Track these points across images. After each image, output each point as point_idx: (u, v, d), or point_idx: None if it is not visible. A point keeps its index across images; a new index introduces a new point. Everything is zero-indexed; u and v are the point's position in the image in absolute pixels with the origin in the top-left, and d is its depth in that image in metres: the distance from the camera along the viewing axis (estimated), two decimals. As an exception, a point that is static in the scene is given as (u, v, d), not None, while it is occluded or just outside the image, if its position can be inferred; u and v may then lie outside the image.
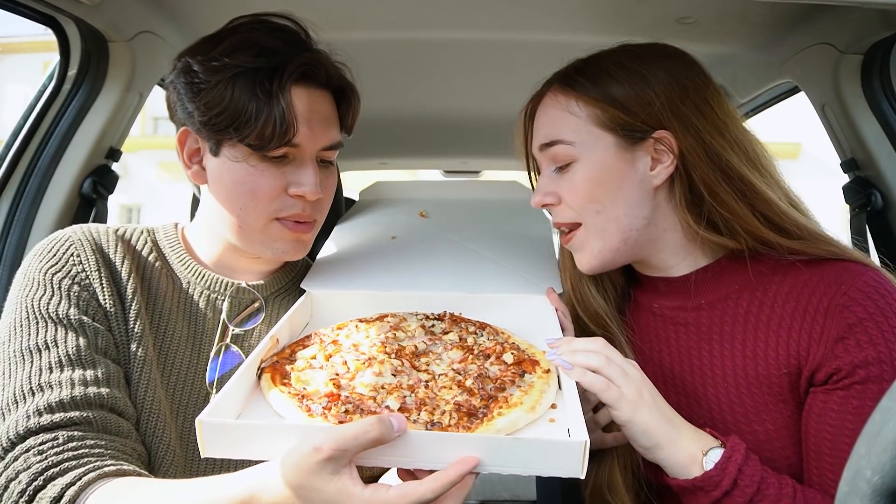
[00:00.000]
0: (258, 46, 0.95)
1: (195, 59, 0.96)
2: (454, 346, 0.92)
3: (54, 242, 0.97)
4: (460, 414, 0.75)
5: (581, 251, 1.02)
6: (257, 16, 1.01)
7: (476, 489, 2.86)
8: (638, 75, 0.95)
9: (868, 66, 1.35)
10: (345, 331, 0.96)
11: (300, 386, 0.81)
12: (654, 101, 0.94)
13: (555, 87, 1.02)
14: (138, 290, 0.98)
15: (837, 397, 0.86)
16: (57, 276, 0.93)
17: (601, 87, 0.96)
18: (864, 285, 0.87)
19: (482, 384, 0.82)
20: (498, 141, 2.45)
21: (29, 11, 1.24)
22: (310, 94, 0.98)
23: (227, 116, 0.93)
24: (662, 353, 1.04)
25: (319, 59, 0.99)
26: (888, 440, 0.35)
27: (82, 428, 0.82)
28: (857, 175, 1.46)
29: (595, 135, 0.96)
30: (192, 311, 1.03)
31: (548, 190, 1.01)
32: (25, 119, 1.40)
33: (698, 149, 0.93)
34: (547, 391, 0.82)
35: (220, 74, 0.93)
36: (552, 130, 0.99)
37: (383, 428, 0.67)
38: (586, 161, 0.97)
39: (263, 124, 0.92)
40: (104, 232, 1.01)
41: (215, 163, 0.99)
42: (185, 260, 1.05)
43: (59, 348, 0.87)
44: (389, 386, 0.81)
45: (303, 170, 0.99)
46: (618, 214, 0.97)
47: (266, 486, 0.68)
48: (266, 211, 0.99)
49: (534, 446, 0.69)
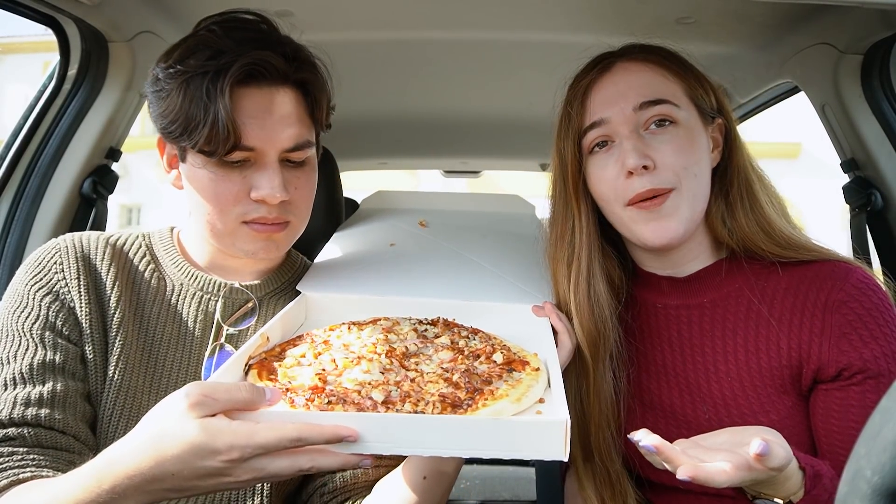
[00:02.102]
0: (210, 49, 0.92)
1: (160, 67, 0.95)
2: (445, 348, 0.92)
3: (44, 252, 1.00)
4: (444, 405, 0.75)
5: (671, 217, 0.97)
6: (224, 14, 0.99)
7: (476, 489, 2.86)
8: (698, 66, 1.03)
9: (868, 66, 1.36)
10: (336, 332, 0.95)
11: (286, 380, 0.81)
12: (713, 89, 1.02)
13: (636, 57, 1.02)
14: (124, 296, 0.99)
15: (855, 393, 0.89)
16: (35, 288, 0.95)
17: (683, 64, 1.02)
18: (857, 282, 0.93)
19: (469, 378, 0.82)
20: (497, 141, 2.47)
21: (29, 11, 1.24)
22: (261, 93, 0.94)
23: (179, 124, 0.92)
24: (665, 350, 1.05)
25: (269, 55, 0.92)
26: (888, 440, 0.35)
27: (16, 443, 0.85)
28: (857, 175, 1.46)
29: (687, 104, 1.00)
30: (182, 313, 1.03)
31: (646, 152, 0.96)
32: (25, 119, 1.40)
33: (731, 143, 1.02)
34: (534, 386, 0.82)
35: (174, 81, 0.92)
36: (656, 90, 0.99)
37: (255, 392, 0.69)
38: (686, 125, 0.99)
39: (208, 130, 0.90)
40: (94, 240, 1.02)
41: (184, 169, 0.99)
42: (178, 262, 1.06)
43: (14, 364, 0.90)
44: (376, 382, 0.80)
45: (262, 172, 0.95)
46: (706, 183, 1.00)
47: (124, 444, 0.69)
48: (231, 215, 0.97)
49: (514, 428, 0.69)
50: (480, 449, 0.68)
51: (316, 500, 1.00)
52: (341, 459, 0.68)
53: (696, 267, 1.05)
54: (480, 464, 3.07)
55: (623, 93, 0.99)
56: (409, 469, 0.89)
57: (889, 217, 1.42)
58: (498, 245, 1.28)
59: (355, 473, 0.98)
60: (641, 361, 1.06)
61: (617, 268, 1.10)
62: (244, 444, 0.64)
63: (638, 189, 0.96)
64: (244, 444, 0.64)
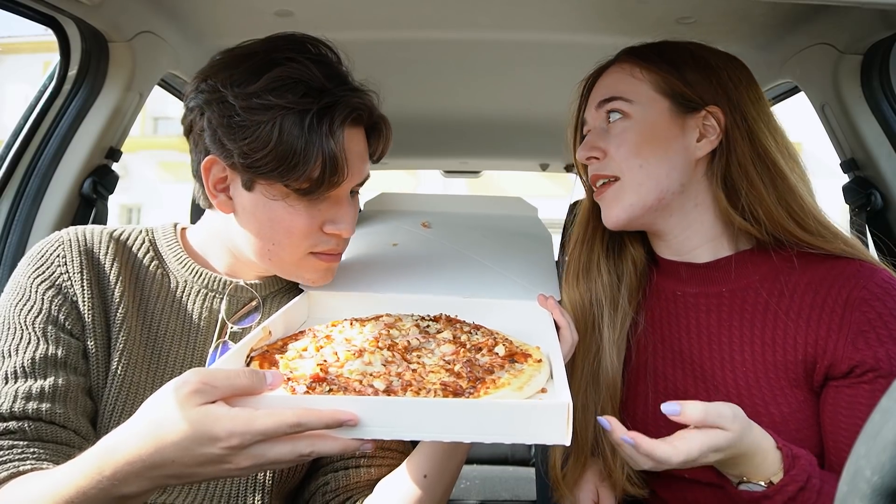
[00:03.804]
0: (303, 84, 0.90)
1: (230, 91, 0.90)
2: (447, 342, 0.92)
3: (47, 244, 0.99)
4: (446, 393, 0.75)
5: (613, 203, 1.05)
6: (287, 37, 0.96)
7: (476, 489, 2.86)
8: (701, 56, 1.05)
9: (868, 66, 1.36)
10: (338, 327, 0.96)
11: (287, 371, 0.81)
12: (712, 78, 1.03)
13: (622, 58, 1.09)
14: (128, 291, 0.99)
15: (864, 391, 0.90)
16: (38, 281, 0.95)
17: (665, 59, 1.05)
18: (881, 282, 0.93)
19: (471, 368, 0.82)
20: (497, 141, 2.47)
21: (29, 11, 1.24)
22: (357, 132, 0.97)
23: (272, 160, 0.89)
24: (682, 338, 1.06)
25: (365, 99, 0.96)
26: (888, 440, 0.35)
27: (17, 436, 0.86)
28: (857, 175, 1.46)
29: (652, 98, 1.04)
30: (186, 309, 1.03)
31: (595, 144, 1.06)
32: (25, 119, 1.40)
33: (742, 129, 1.01)
34: (536, 376, 0.82)
35: (263, 114, 0.88)
36: (613, 89, 1.06)
37: (255, 378, 0.69)
38: (640, 119, 1.03)
39: (313, 168, 0.90)
40: (98, 234, 1.02)
41: (248, 197, 0.95)
42: (182, 259, 1.05)
43: (16, 358, 0.89)
44: (377, 373, 0.80)
45: (339, 208, 0.97)
46: (659, 173, 1.02)
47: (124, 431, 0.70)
48: (301, 247, 0.98)
49: (516, 411, 0.68)
50: (482, 433, 0.68)
51: (318, 499, 1.00)
52: (341, 444, 0.68)
53: (710, 254, 1.06)
54: (480, 464, 3.08)
55: (594, 94, 1.10)
56: (410, 468, 0.90)
57: (889, 217, 1.42)
58: (501, 244, 1.28)
59: (357, 472, 0.98)
60: (658, 348, 1.08)
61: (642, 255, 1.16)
62: (244, 430, 0.65)
63: (589, 175, 1.09)
64: (244, 430, 0.65)
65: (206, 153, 0.94)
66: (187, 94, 0.97)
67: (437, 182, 3.33)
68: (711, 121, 1.02)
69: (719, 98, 1.02)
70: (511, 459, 3.12)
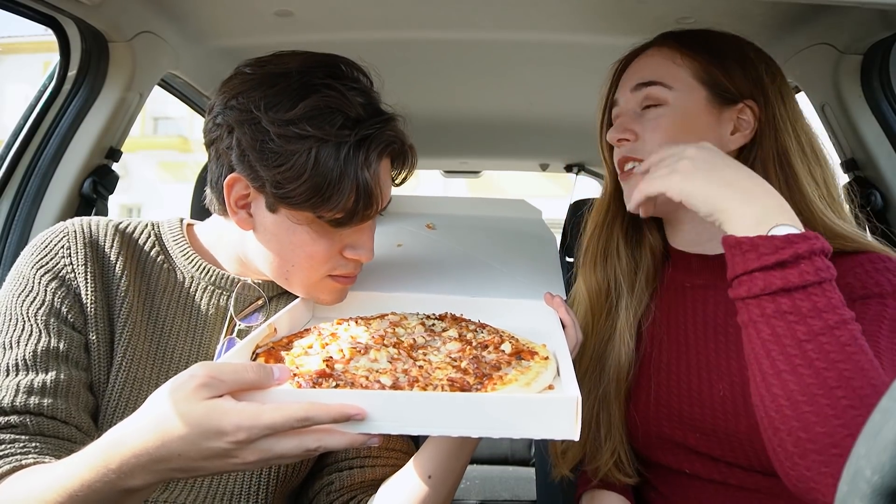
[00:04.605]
0: (341, 114, 0.88)
1: (265, 115, 0.87)
2: (453, 340, 0.93)
3: (51, 234, 0.98)
4: (453, 388, 0.75)
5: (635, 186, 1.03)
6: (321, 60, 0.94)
7: (476, 489, 2.86)
8: (741, 48, 1.05)
9: (868, 67, 1.36)
10: (344, 325, 0.96)
11: (293, 367, 0.81)
12: (751, 72, 1.03)
13: (660, 43, 1.08)
14: (133, 284, 0.98)
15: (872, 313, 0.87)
16: (41, 272, 0.94)
17: (707, 47, 1.04)
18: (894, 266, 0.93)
19: (477, 365, 0.82)
20: (497, 141, 2.47)
21: (29, 11, 1.24)
22: (388, 163, 0.97)
23: (306, 190, 0.88)
24: (688, 328, 1.06)
25: (397, 131, 0.95)
26: (888, 440, 0.35)
27: (18, 430, 0.85)
28: (857, 175, 1.46)
29: (691, 86, 1.03)
30: (193, 306, 1.02)
31: (628, 126, 1.05)
32: (25, 119, 1.40)
33: (770, 127, 1.01)
34: (543, 373, 0.82)
35: (299, 144, 0.87)
36: (652, 73, 1.05)
37: (263, 372, 0.69)
38: (677, 106, 1.02)
39: (346, 200, 0.89)
40: (103, 225, 1.01)
41: (271, 218, 0.94)
42: (188, 254, 1.04)
43: (18, 350, 0.89)
44: (383, 369, 0.80)
45: (361, 234, 0.97)
46: None
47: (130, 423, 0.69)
48: (319, 271, 0.97)
49: (524, 405, 0.68)
50: (490, 427, 0.67)
51: (322, 498, 1.00)
52: (348, 439, 0.68)
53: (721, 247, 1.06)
54: (480, 464, 3.08)
55: (630, 76, 1.08)
56: (415, 468, 0.90)
57: (889, 217, 1.42)
58: (506, 245, 1.28)
59: (362, 472, 0.98)
60: (663, 340, 1.08)
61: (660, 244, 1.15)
62: (250, 424, 0.64)
63: (617, 157, 1.07)
64: (250, 424, 0.64)
65: (230, 170, 0.92)
66: (212, 107, 0.94)
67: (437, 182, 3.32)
68: (747, 115, 1.02)
69: (756, 93, 1.02)
70: (511, 459, 3.12)
